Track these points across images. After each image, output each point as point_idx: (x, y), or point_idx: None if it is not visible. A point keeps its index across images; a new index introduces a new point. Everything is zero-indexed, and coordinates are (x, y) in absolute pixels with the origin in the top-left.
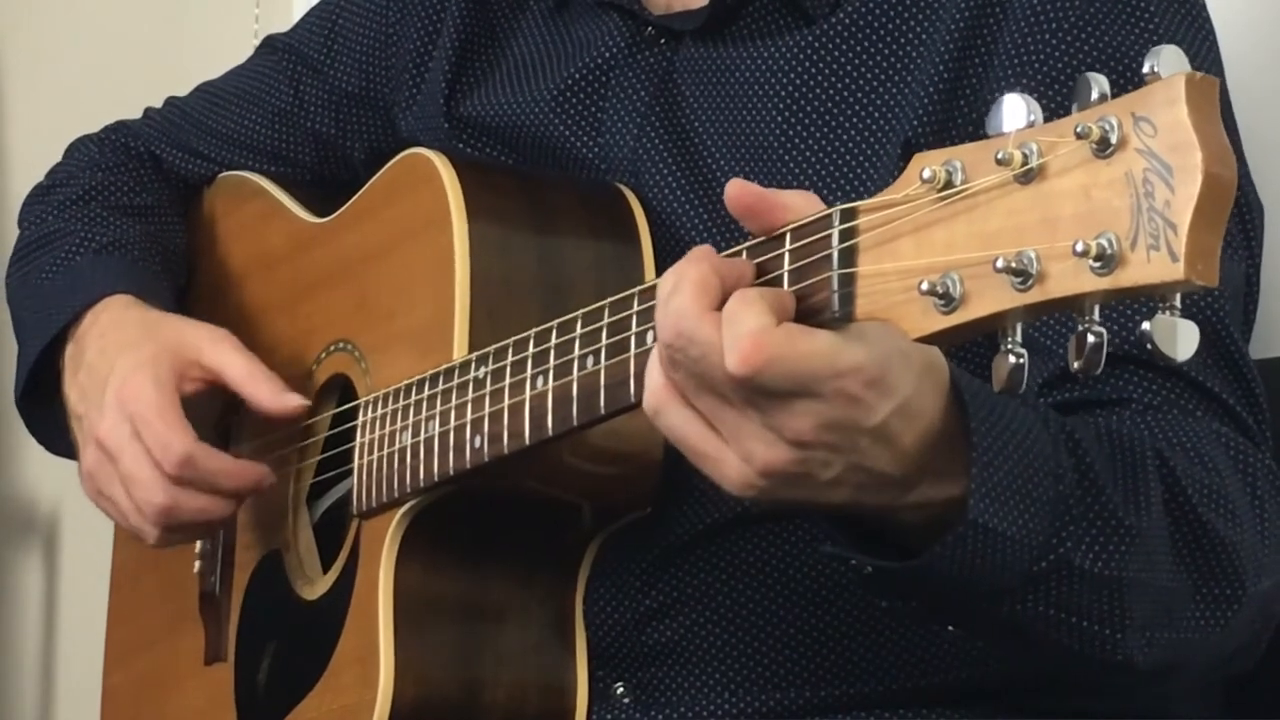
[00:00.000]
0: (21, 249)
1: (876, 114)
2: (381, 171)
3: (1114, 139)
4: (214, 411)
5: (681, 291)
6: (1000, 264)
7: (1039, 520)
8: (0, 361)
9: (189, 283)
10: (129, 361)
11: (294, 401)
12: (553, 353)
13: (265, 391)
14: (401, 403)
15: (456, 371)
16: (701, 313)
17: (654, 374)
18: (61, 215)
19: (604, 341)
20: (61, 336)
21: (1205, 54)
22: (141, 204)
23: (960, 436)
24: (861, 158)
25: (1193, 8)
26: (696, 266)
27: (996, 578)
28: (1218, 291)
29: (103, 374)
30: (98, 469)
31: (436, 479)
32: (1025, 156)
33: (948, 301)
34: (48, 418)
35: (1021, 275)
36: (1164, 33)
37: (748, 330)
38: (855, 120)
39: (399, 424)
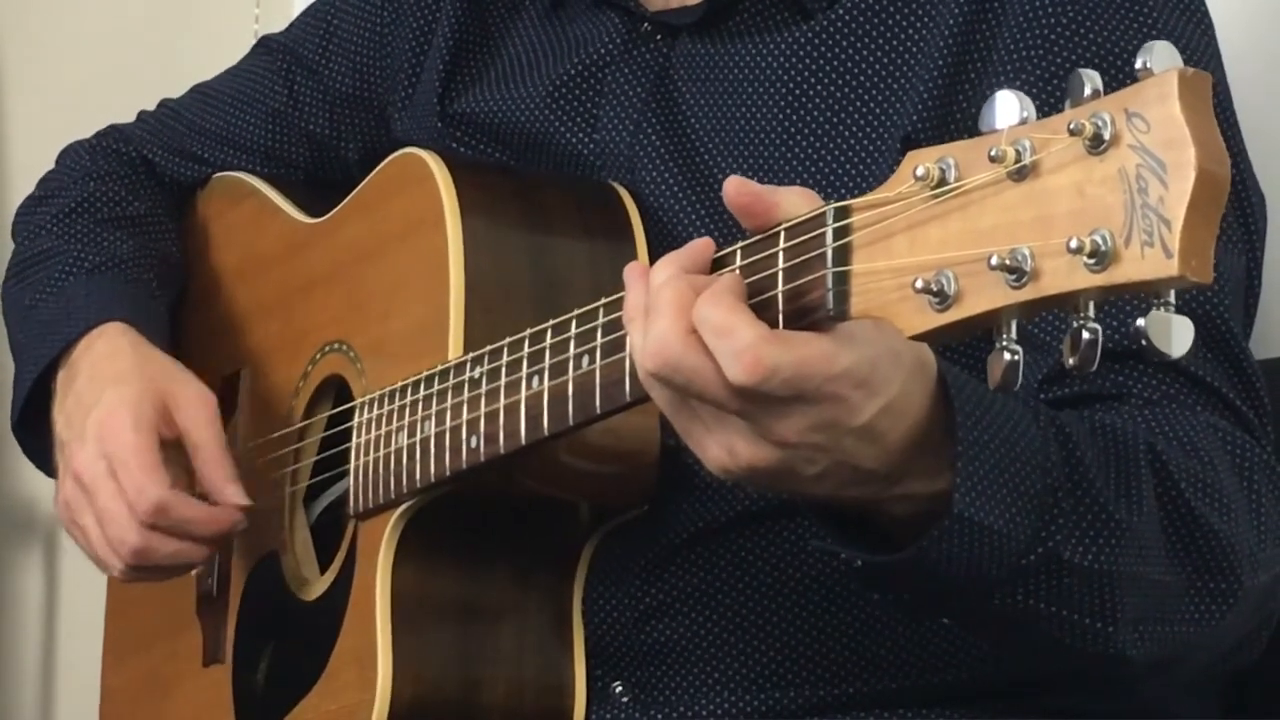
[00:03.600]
0: (15, 264)
1: (875, 109)
2: (375, 171)
3: (1107, 135)
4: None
5: (662, 314)
6: (994, 261)
7: (1026, 514)
8: None
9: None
10: (113, 396)
11: (235, 502)
12: (548, 352)
13: (217, 477)
14: (397, 403)
15: (452, 372)
16: (684, 336)
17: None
18: (54, 231)
19: (599, 341)
20: (55, 362)
21: (1203, 49)
22: (134, 213)
23: (947, 432)
24: (860, 153)
25: (1191, 3)
26: (674, 286)
27: (984, 571)
28: (1217, 285)
29: (89, 403)
30: (73, 499)
31: (433, 479)
32: (1018, 153)
33: (942, 299)
34: (40, 441)
35: (1016, 273)
36: (1162, 28)
37: (747, 343)
38: (854, 116)
39: (395, 424)
